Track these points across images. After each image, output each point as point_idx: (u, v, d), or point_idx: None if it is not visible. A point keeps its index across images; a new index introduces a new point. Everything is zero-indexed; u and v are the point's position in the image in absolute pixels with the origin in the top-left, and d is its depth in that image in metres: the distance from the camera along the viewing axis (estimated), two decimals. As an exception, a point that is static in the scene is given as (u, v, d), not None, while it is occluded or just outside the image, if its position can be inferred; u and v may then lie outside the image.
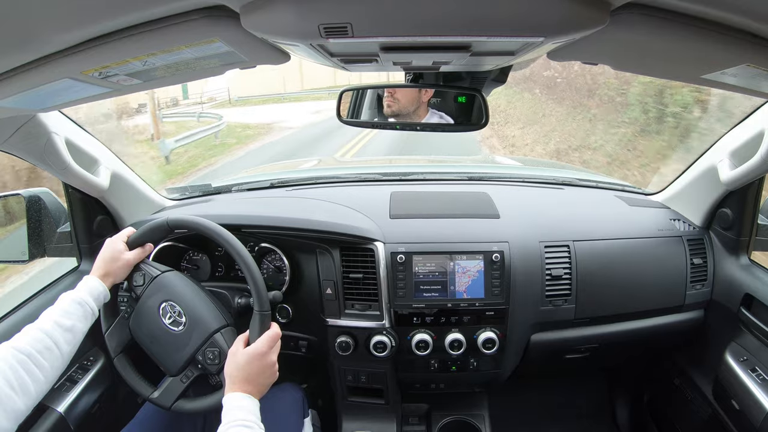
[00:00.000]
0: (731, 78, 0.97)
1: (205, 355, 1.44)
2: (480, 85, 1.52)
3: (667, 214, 2.16)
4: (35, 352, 1.19)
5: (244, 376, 1.31)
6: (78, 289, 1.39)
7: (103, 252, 1.50)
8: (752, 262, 1.95)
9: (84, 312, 1.35)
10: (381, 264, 1.86)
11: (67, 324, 1.29)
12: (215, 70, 1.05)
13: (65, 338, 1.27)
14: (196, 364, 1.46)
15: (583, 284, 1.94)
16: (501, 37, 0.81)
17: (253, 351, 1.34)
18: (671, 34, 0.79)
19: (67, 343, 1.27)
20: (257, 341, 1.36)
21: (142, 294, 1.50)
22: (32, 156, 1.60)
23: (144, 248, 1.55)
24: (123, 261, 1.49)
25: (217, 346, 1.45)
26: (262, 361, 1.34)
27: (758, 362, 1.78)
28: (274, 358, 1.38)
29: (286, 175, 2.59)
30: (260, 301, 1.44)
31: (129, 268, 1.51)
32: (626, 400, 2.72)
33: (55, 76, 0.92)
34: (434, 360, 1.96)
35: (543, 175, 2.69)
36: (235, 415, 1.23)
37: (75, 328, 1.30)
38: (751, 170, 1.68)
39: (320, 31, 0.77)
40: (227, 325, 1.51)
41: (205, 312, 1.50)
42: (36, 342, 1.21)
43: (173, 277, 1.56)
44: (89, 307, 1.36)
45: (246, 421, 1.22)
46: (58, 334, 1.26)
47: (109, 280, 1.46)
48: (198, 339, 1.46)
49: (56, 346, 1.24)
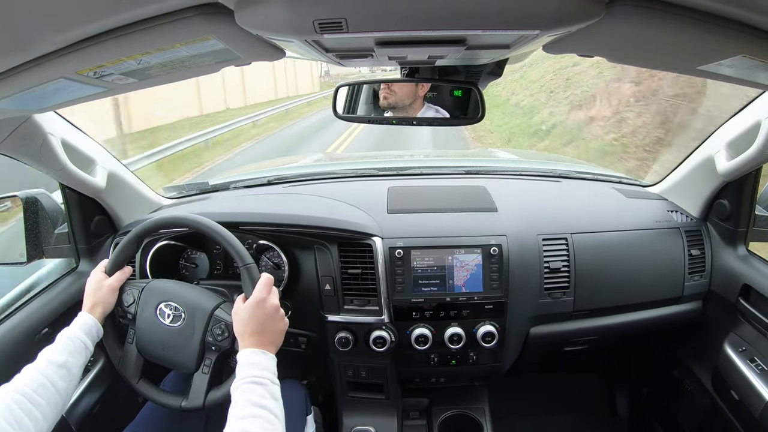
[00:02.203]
0: (727, 69, 0.97)
1: (214, 334, 1.46)
2: (476, 78, 1.52)
3: (665, 205, 2.16)
4: (31, 390, 1.19)
5: (252, 328, 1.32)
6: (71, 326, 1.40)
7: (87, 286, 1.52)
8: (750, 253, 1.95)
9: (75, 347, 1.35)
10: (379, 259, 1.86)
11: (60, 360, 1.29)
12: (210, 67, 1.04)
13: (60, 375, 1.27)
14: (209, 348, 1.47)
15: (581, 277, 1.94)
16: (496, 30, 0.81)
17: (252, 301, 1.36)
18: (667, 25, 0.79)
19: (62, 380, 1.27)
20: (253, 292, 1.38)
21: (137, 310, 1.52)
22: (28, 157, 1.59)
23: (123, 270, 1.57)
24: (106, 287, 1.51)
25: (221, 320, 1.47)
26: (263, 307, 1.35)
27: (757, 352, 1.78)
28: (275, 301, 1.39)
29: (283, 172, 2.59)
30: (240, 256, 1.46)
31: (114, 291, 1.53)
32: (626, 392, 2.73)
33: (50, 77, 0.92)
34: (434, 354, 1.96)
35: (540, 168, 2.69)
36: (247, 371, 1.23)
37: (69, 364, 1.31)
38: (748, 161, 1.68)
39: (315, 27, 0.77)
40: (224, 300, 1.53)
41: (199, 297, 1.53)
42: (32, 381, 1.21)
43: (159, 282, 1.59)
44: (81, 342, 1.37)
45: (257, 377, 1.22)
46: (52, 371, 1.26)
47: (98, 311, 1.47)
48: (201, 322, 1.47)
49: (51, 384, 1.24)
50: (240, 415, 1.15)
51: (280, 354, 1.36)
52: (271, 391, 1.21)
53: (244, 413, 1.15)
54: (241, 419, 1.14)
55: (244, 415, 1.14)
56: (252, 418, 1.14)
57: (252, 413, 1.15)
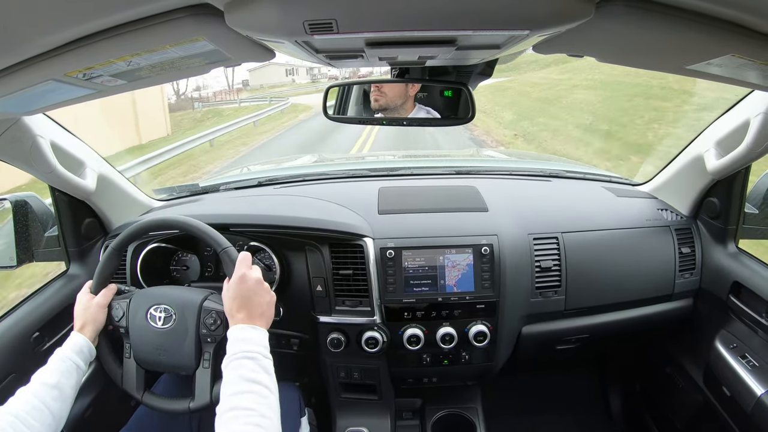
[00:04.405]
0: (716, 68, 0.98)
1: (207, 324, 1.47)
2: (466, 79, 1.52)
3: (655, 204, 2.17)
4: (24, 413, 1.19)
5: (239, 304, 1.33)
6: (63, 347, 1.40)
7: (75, 308, 1.52)
8: (740, 250, 1.96)
9: (67, 367, 1.35)
10: (370, 260, 1.86)
11: (52, 381, 1.29)
12: (200, 68, 1.04)
13: (52, 396, 1.27)
14: (205, 340, 1.48)
15: (572, 275, 1.95)
16: (486, 30, 0.81)
17: (234, 279, 1.37)
18: (656, 25, 0.79)
19: (54, 400, 1.27)
20: (234, 270, 1.39)
21: (128, 321, 1.52)
22: (17, 160, 1.58)
23: (108, 288, 1.57)
24: (94, 306, 1.51)
25: (211, 309, 1.48)
26: (245, 282, 1.36)
27: (748, 349, 1.79)
28: (257, 275, 1.40)
29: (273, 173, 2.58)
30: (217, 242, 1.50)
31: (102, 308, 1.53)
32: (618, 390, 2.74)
33: (39, 79, 0.91)
34: (426, 354, 1.96)
35: (530, 167, 2.69)
36: (237, 347, 1.24)
37: (61, 384, 1.30)
38: (737, 159, 1.69)
39: (305, 28, 0.77)
40: (211, 292, 1.55)
41: (186, 294, 1.54)
42: (24, 403, 1.21)
43: (145, 290, 1.60)
44: (72, 363, 1.36)
45: (248, 352, 1.22)
46: (44, 392, 1.26)
47: (89, 330, 1.47)
48: (192, 317, 1.48)
49: (44, 405, 1.23)
50: (232, 391, 1.14)
51: (273, 356, 1.36)
52: (263, 364, 1.21)
53: (235, 389, 1.14)
54: (233, 396, 1.13)
55: (236, 391, 1.14)
56: (244, 394, 1.13)
57: (244, 389, 1.14)
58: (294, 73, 66.33)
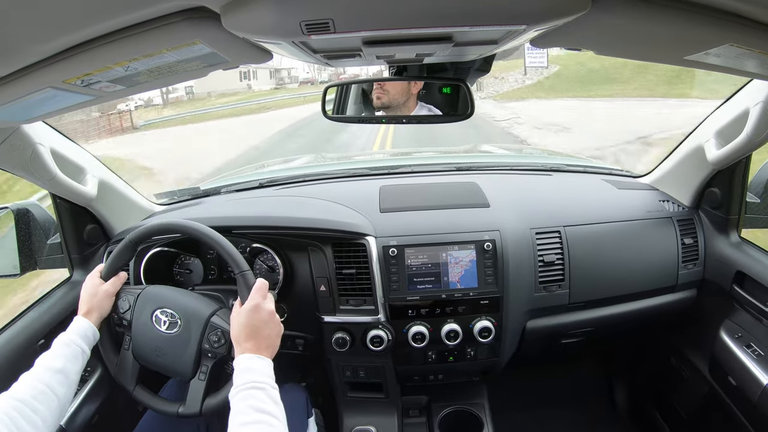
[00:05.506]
0: (715, 58, 0.98)
1: (210, 341, 1.46)
2: (464, 75, 1.52)
3: (656, 195, 2.17)
4: (30, 397, 1.19)
5: (248, 333, 1.33)
6: (66, 331, 1.40)
7: (82, 292, 1.52)
8: (742, 240, 1.96)
9: (72, 352, 1.35)
10: (373, 258, 1.86)
11: (57, 366, 1.29)
12: (198, 72, 1.04)
13: (57, 380, 1.27)
14: (205, 354, 1.47)
15: (575, 269, 1.95)
16: (483, 26, 0.81)
17: (247, 307, 1.37)
18: (654, 16, 0.79)
19: (60, 385, 1.27)
20: (248, 297, 1.39)
21: (132, 316, 1.52)
22: (18, 168, 1.58)
23: (119, 276, 1.57)
24: (102, 292, 1.51)
25: (217, 327, 1.47)
26: (258, 313, 1.36)
27: (753, 338, 1.79)
28: (270, 306, 1.40)
29: (274, 175, 2.58)
30: (236, 263, 1.47)
31: (110, 297, 1.53)
32: (624, 382, 2.74)
33: (37, 87, 0.91)
34: (431, 351, 1.96)
35: (530, 162, 2.70)
36: (245, 377, 1.23)
37: (66, 369, 1.31)
38: (738, 149, 1.69)
39: (302, 28, 0.76)
40: (220, 307, 1.54)
41: (195, 303, 1.53)
42: (30, 388, 1.21)
43: (155, 288, 1.59)
44: (77, 346, 1.37)
45: (256, 382, 1.22)
46: (49, 376, 1.26)
47: (94, 316, 1.47)
48: (197, 329, 1.47)
49: (50, 389, 1.24)
50: (242, 421, 1.15)
51: (278, 357, 1.36)
52: (271, 395, 1.21)
53: (245, 419, 1.15)
54: (243, 426, 1.14)
55: (246, 421, 1.14)
56: (254, 424, 1.14)
57: (254, 419, 1.15)
58: (251, 77, 50.50)
